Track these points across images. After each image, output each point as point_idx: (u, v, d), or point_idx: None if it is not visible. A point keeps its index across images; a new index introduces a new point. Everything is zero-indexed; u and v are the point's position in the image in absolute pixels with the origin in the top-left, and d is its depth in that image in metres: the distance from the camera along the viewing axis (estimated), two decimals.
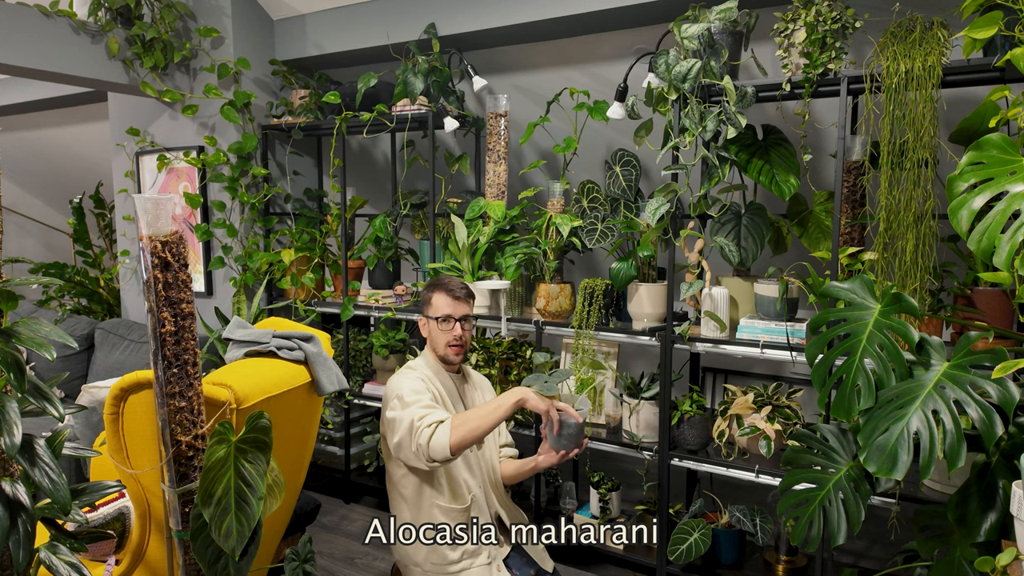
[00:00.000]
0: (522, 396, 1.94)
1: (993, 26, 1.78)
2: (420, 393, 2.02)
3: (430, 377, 2.15)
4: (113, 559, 1.89)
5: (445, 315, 2.14)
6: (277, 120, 3.67)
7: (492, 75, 3.52)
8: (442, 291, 2.16)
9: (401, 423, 1.96)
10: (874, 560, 2.98)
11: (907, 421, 1.52)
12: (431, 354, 2.21)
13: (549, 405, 1.95)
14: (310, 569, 2.00)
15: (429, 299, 2.18)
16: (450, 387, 2.19)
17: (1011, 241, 1.43)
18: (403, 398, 2.01)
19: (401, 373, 2.14)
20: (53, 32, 3.27)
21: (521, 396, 1.94)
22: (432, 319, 2.15)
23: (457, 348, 2.16)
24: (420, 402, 1.99)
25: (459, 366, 2.26)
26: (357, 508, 3.64)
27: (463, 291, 2.17)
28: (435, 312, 2.15)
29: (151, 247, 1.54)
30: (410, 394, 2.01)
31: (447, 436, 1.87)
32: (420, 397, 2.01)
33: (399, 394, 2.03)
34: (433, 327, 2.16)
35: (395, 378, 2.12)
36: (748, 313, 2.69)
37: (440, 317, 2.13)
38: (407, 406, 1.98)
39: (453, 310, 2.14)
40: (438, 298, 2.15)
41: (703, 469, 2.67)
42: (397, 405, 2.02)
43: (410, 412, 1.96)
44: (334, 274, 3.70)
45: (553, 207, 3.07)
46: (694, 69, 2.45)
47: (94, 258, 4.95)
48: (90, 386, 2.72)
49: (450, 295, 2.15)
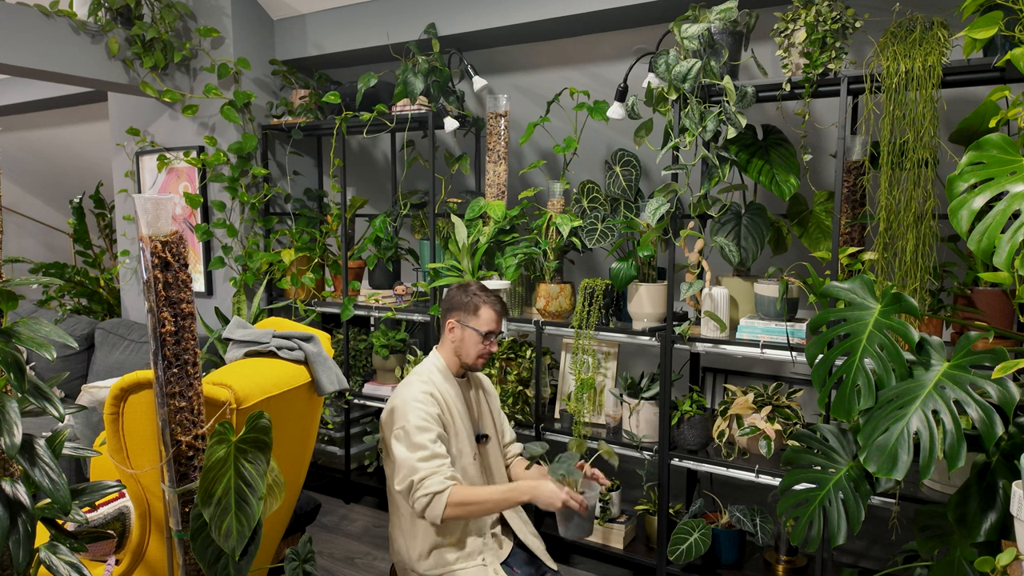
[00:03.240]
0: (533, 494, 1.94)
1: (993, 26, 1.78)
2: (426, 430, 1.97)
3: (440, 386, 2.12)
4: (113, 559, 1.89)
5: (491, 331, 2.15)
6: (277, 120, 3.67)
7: (492, 75, 3.52)
8: (490, 306, 2.16)
9: (402, 468, 1.95)
10: (874, 560, 2.98)
11: (907, 421, 1.52)
12: (447, 358, 2.20)
13: (564, 498, 1.91)
14: (310, 569, 2.00)
15: (474, 310, 2.15)
16: (458, 394, 2.18)
17: (1011, 241, 1.43)
18: (409, 434, 1.97)
19: (410, 385, 2.10)
20: (53, 32, 3.27)
21: (532, 494, 1.94)
22: (474, 330, 2.14)
23: (485, 359, 2.19)
24: (423, 448, 1.94)
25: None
26: (357, 508, 3.64)
27: (506, 311, 2.21)
28: (481, 326, 2.14)
29: (151, 247, 1.54)
30: (416, 432, 1.96)
31: (441, 510, 1.90)
32: (425, 438, 1.96)
33: (404, 425, 1.99)
34: (470, 336, 2.15)
35: (403, 391, 2.08)
36: (748, 313, 2.69)
37: (485, 332, 2.14)
38: (412, 447, 1.95)
39: (497, 326, 2.16)
40: (487, 312, 2.15)
41: (703, 469, 2.67)
42: (402, 437, 1.98)
43: (412, 463, 1.93)
44: (334, 274, 3.71)
45: (553, 207, 3.07)
46: (694, 69, 2.45)
47: (94, 258, 4.95)
48: (90, 386, 2.72)
49: (496, 312, 2.16)
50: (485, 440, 2.25)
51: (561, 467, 2.02)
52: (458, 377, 2.22)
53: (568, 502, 1.91)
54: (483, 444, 2.24)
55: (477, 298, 2.16)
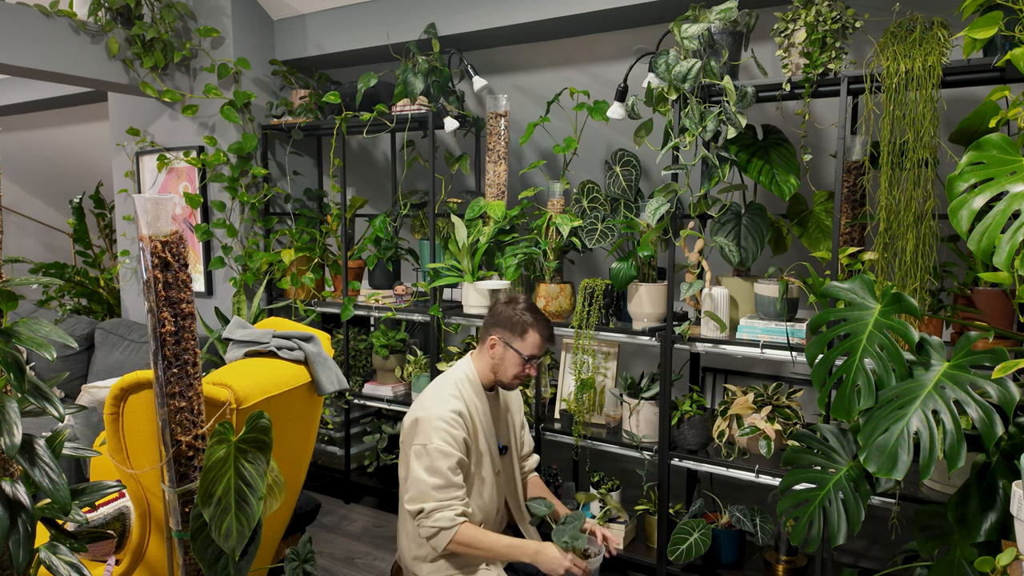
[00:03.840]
0: (536, 559, 1.94)
1: (993, 26, 1.78)
2: (448, 456, 1.94)
3: (469, 401, 2.08)
4: (113, 559, 1.89)
5: (534, 356, 2.10)
6: (277, 120, 3.67)
7: (492, 75, 3.52)
8: (538, 330, 2.09)
9: (414, 487, 1.95)
10: (874, 560, 2.98)
11: (907, 421, 1.52)
12: (481, 371, 2.14)
13: (567, 566, 1.91)
14: (310, 569, 2.00)
15: (521, 332, 2.08)
16: (486, 410, 2.15)
17: (1011, 241, 1.43)
18: (430, 455, 1.94)
19: (439, 398, 2.03)
20: (53, 32, 3.27)
21: (535, 558, 1.95)
22: (517, 352, 2.08)
23: (521, 381, 2.14)
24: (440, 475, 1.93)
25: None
26: (357, 508, 3.64)
27: (553, 337, 2.15)
28: (525, 349, 2.08)
29: (151, 247, 1.54)
30: (437, 456, 1.94)
31: (444, 544, 1.93)
32: (445, 464, 1.93)
33: (427, 444, 1.95)
34: (512, 357, 2.09)
35: (432, 404, 2.02)
36: (748, 313, 2.69)
37: (528, 356, 2.08)
38: (431, 471, 1.93)
39: (541, 352, 2.11)
40: (534, 336, 2.08)
41: (703, 469, 2.67)
42: (422, 455, 1.95)
43: (427, 488, 1.92)
44: (334, 274, 3.71)
45: (553, 207, 3.07)
46: (694, 69, 2.45)
47: (94, 258, 4.95)
48: (90, 386, 2.72)
49: (543, 337, 2.10)
50: (504, 452, 2.23)
51: (565, 532, 1.99)
52: (488, 391, 2.17)
53: (572, 570, 1.91)
54: (504, 456, 2.23)
55: (526, 319, 2.08)
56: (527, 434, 2.37)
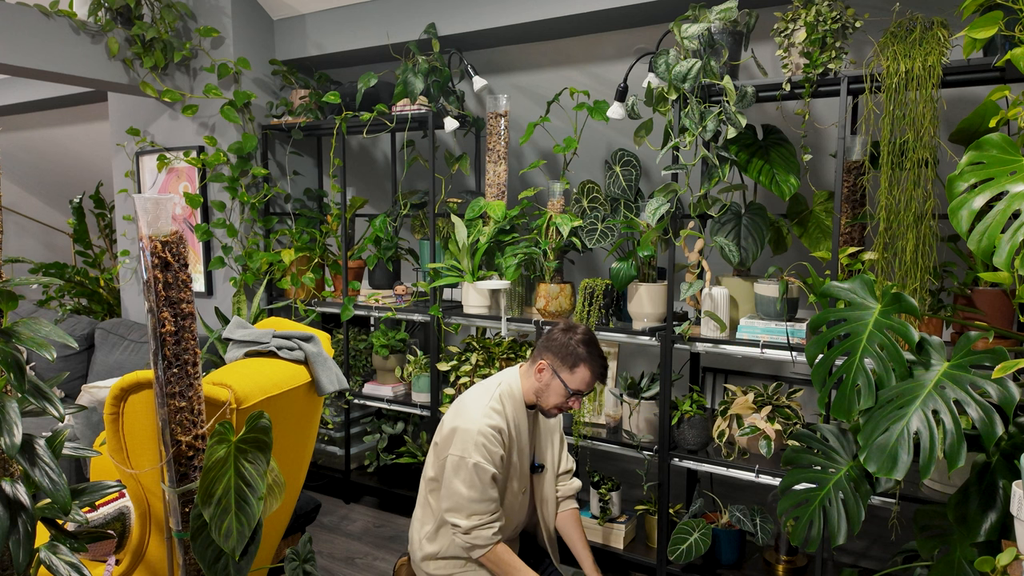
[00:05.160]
0: None
1: (993, 26, 1.78)
2: (486, 471, 1.94)
3: (510, 417, 2.05)
4: (113, 559, 1.89)
5: (580, 391, 2.03)
6: (277, 120, 3.67)
7: (492, 75, 3.52)
8: (590, 368, 2.01)
9: (452, 498, 1.98)
10: (874, 560, 2.98)
11: (907, 421, 1.52)
12: (526, 390, 2.10)
13: None
14: (310, 569, 2.00)
15: (572, 365, 2.01)
16: (525, 427, 2.12)
17: (1011, 241, 1.43)
18: (468, 469, 1.94)
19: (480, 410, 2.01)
20: (53, 32, 3.27)
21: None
22: (563, 384, 2.02)
23: (561, 412, 2.10)
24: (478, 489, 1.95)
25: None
26: (357, 508, 3.64)
27: (605, 376, 2.08)
28: (573, 383, 2.01)
29: (151, 247, 1.54)
30: (476, 471, 1.94)
31: (476, 555, 1.99)
32: (482, 479, 1.94)
33: (465, 457, 1.95)
34: (557, 387, 2.03)
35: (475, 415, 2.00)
36: (748, 313, 2.69)
37: (574, 391, 2.02)
38: (469, 485, 1.94)
39: (588, 389, 2.05)
40: (585, 373, 2.01)
41: (703, 469, 2.67)
42: (460, 468, 1.95)
43: (464, 502, 1.95)
44: (334, 274, 3.71)
45: (553, 207, 3.07)
46: (694, 69, 2.45)
47: (94, 258, 4.95)
48: (90, 386, 2.73)
49: (594, 375, 2.02)
50: (541, 470, 2.21)
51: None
52: (529, 408, 2.13)
53: None
54: (538, 474, 2.21)
55: (580, 353, 2.00)
56: (566, 453, 2.31)
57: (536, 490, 2.22)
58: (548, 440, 2.24)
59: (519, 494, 2.13)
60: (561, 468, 2.28)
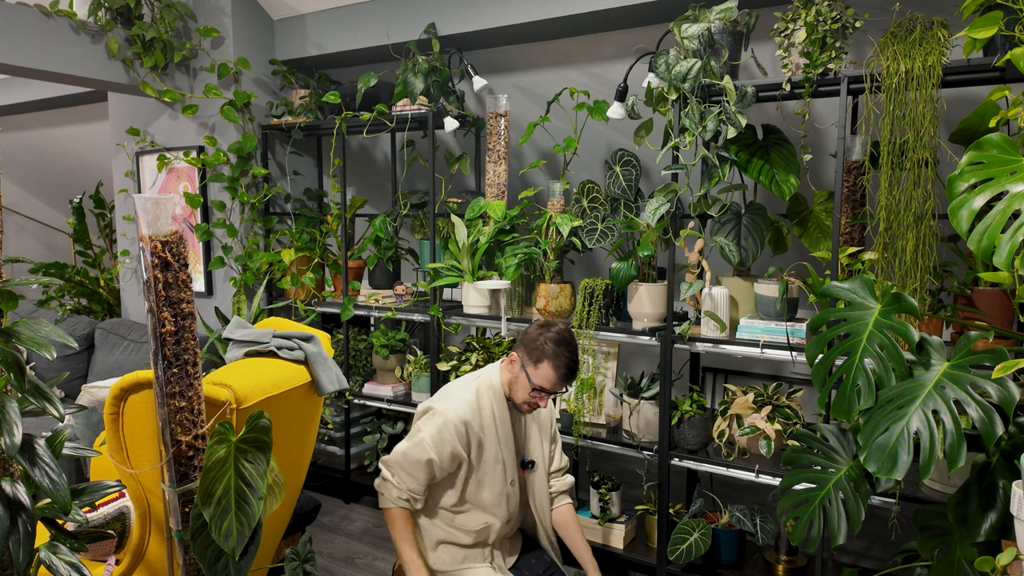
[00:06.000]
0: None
1: (993, 26, 1.78)
2: (442, 445, 1.99)
3: (486, 409, 2.08)
4: (113, 559, 1.89)
5: (542, 388, 2.03)
6: (277, 120, 3.67)
7: (492, 75, 3.52)
8: (553, 366, 2.00)
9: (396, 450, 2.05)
10: (874, 560, 2.98)
11: (907, 421, 1.52)
12: (504, 384, 2.12)
13: None
14: (310, 569, 2.00)
15: (536, 360, 2.01)
16: (506, 419, 2.12)
17: (1011, 241, 1.43)
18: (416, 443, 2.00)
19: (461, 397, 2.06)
20: (53, 32, 3.27)
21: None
22: (527, 377, 2.03)
23: (532, 409, 2.11)
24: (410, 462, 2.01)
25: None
26: (357, 508, 3.64)
27: (571, 377, 2.05)
28: (535, 379, 2.02)
29: (151, 247, 1.54)
30: (422, 446, 1.99)
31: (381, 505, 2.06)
32: (420, 455, 1.99)
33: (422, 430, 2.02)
34: (522, 381, 2.04)
35: (454, 403, 2.05)
36: (748, 313, 2.69)
37: (536, 386, 2.03)
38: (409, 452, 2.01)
39: (553, 388, 2.04)
40: (546, 370, 2.00)
41: (703, 469, 2.67)
42: (414, 437, 2.03)
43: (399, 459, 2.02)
44: (334, 274, 3.71)
45: (553, 207, 3.07)
46: (694, 69, 2.45)
47: (94, 258, 4.95)
48: (90, 386, 2.73)
49: (558, 375, 2.01)
50: (532, 467, 2.21)
51: None
52: (508, 400, 2.14)
53: None
54: (529, 471, 2.21)
55: (546, 349, 2.00)
56: (558, 449, 2.31)
57: (528, 487, 2.22)
58: (540, 437, 2.24)
59: (504, 483, 2.12)
60: (553, 466, 2.29)
